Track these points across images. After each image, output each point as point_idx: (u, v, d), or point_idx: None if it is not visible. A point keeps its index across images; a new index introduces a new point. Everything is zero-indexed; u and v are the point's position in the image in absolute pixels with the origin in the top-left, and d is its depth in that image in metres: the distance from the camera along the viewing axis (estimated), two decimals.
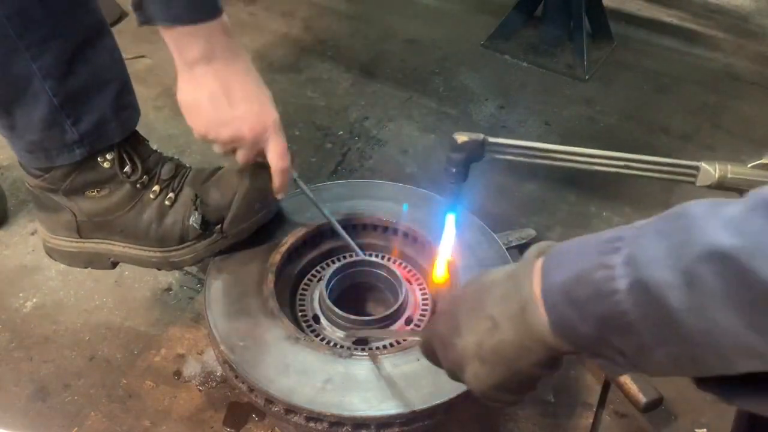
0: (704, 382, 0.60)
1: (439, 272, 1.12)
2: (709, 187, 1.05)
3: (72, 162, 1.09)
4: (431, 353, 0.80)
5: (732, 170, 1.02)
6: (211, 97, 1.02)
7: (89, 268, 1.23)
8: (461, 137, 1.08)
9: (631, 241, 0.58)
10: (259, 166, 1.13)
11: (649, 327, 0.57)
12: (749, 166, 1.02)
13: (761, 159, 1.02)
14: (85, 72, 1.04)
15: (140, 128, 1.47)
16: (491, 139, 1.09)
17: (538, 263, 0.66)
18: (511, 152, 1.10)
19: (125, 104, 1.11)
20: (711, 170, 1.03)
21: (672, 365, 0.59)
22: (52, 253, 1.21)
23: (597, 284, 0.59)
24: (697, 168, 1.04)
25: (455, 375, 0.76)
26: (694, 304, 0.53)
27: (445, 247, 1.11)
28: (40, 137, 1.06)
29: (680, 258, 0.54)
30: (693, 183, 1.06)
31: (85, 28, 1.04)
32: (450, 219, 1.12)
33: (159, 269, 1.23)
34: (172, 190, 1.14)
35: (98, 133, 1.08)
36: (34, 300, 1.37)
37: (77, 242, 1.18)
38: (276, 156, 1.08)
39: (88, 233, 1.17)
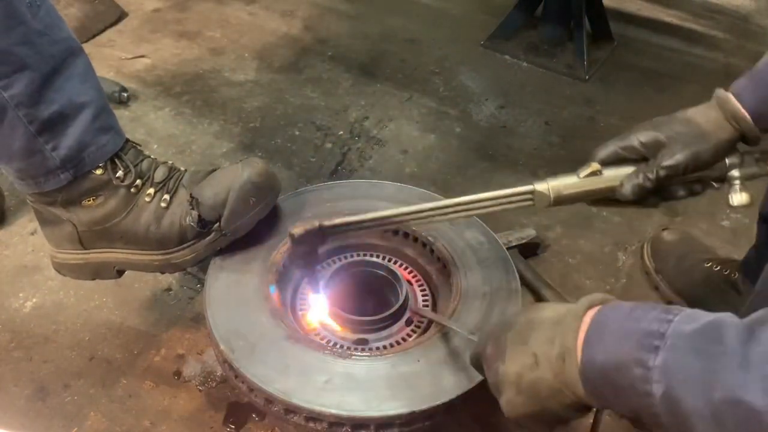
0: None
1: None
2: (549, 206, 0.99)
3: (60, 186, 1.10)
4: (478, 367, 0.87)
5: (565, 186, 0.98)
6: None
7: (96, 279, 1.23)
8: (297, 229, 1.04)
9: (669, 346, 0.63)
10: (252, 160, 1.12)
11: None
12: (581, 176, 0.97)
13: (589, 168, 0.96)
14: (58, 99, 1.06)
15: (140, 128, 1.47)
16: (327, 223, 1.04)
17: (587, 319, 0.71)
18: (350, 229, 1.06)
19: (104, 127, 1.12)
20: (545, 191, 0.98)
21: None
22: (60, 268, 1.22)
23: (633, 380, 0.64)
24: (532, 192, 0.99)
25: (494, 393, 0.82)
26: None
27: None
28: (24, 165, 1.08)
29: (711, 393, 0.58)
30: (533, 207, 1.00)
31: (52, 57, 1.05)
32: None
33: (162, 272, 1.24)
34: (167, 192, 1.15)
35: (79, 157, 1.09)
36: (34, 300, 1.37)
37: (81, 254, 1.19)
38: None
39: (90, 243, 1.17)
